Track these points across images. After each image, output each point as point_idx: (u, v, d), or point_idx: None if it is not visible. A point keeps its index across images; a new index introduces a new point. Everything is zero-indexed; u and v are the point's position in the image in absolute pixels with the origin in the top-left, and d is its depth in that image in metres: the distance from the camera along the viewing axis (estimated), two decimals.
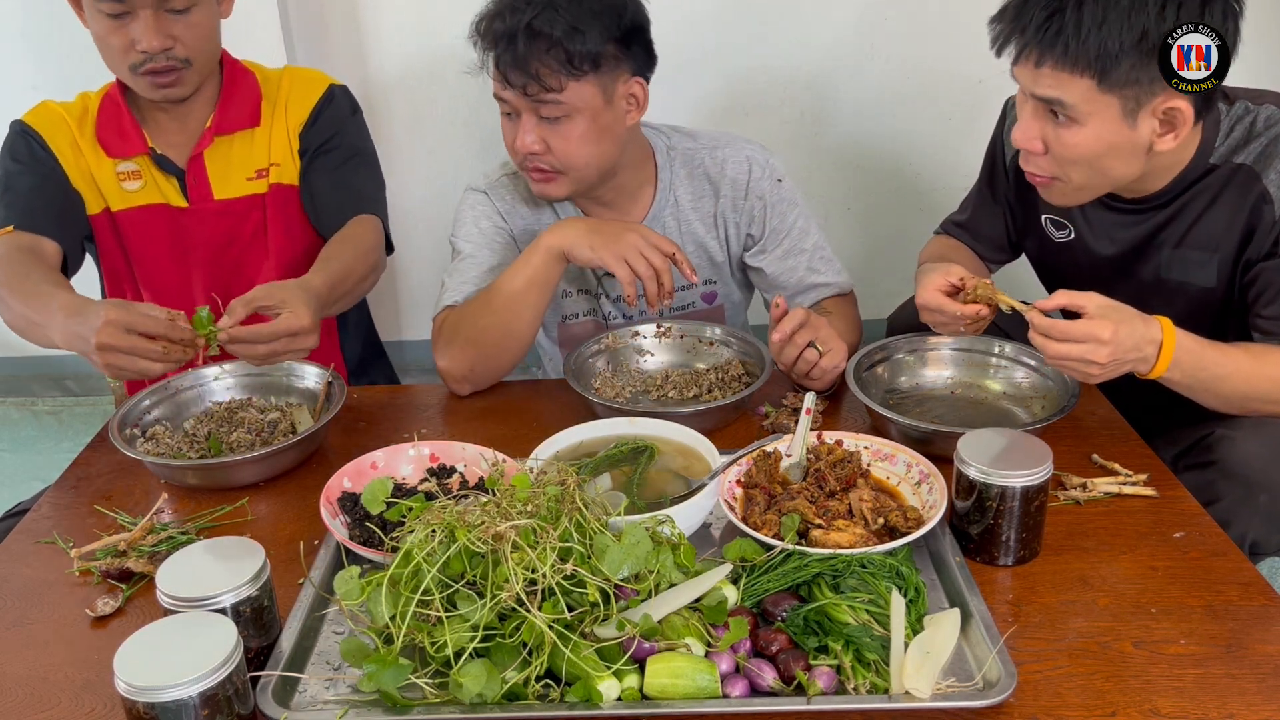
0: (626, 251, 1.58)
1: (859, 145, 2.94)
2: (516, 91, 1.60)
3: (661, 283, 1.60)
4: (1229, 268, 1.52)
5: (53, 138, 1.78)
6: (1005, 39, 1.40)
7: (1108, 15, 1.30)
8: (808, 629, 1.08)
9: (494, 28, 1.58)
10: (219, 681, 0.94)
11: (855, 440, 1.37)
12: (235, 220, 1.85)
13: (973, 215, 1.86)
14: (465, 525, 1.04)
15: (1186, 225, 1.52)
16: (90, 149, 1.80)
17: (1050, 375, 1.56)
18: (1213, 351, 1.37)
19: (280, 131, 1.86)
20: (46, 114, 1.81)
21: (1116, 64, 1.32)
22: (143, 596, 1.22)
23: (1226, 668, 1.06)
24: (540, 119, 1.63)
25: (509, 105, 1.65)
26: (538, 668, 1.01)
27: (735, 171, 1.80)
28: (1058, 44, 1.33)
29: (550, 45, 1.56)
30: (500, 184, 1.82)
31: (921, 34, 2.77)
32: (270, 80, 1.88)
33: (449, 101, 2.85)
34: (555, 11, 1.55)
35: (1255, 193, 1.45)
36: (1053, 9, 1.33)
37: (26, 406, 3.17)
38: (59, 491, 1.47)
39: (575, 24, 1.56)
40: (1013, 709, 1.01)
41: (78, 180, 1.80)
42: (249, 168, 1.84)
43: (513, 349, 1.67)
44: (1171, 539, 1.26)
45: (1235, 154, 1.47)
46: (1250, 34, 1.38)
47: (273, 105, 1.86)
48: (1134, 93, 1.34)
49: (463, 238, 1.80)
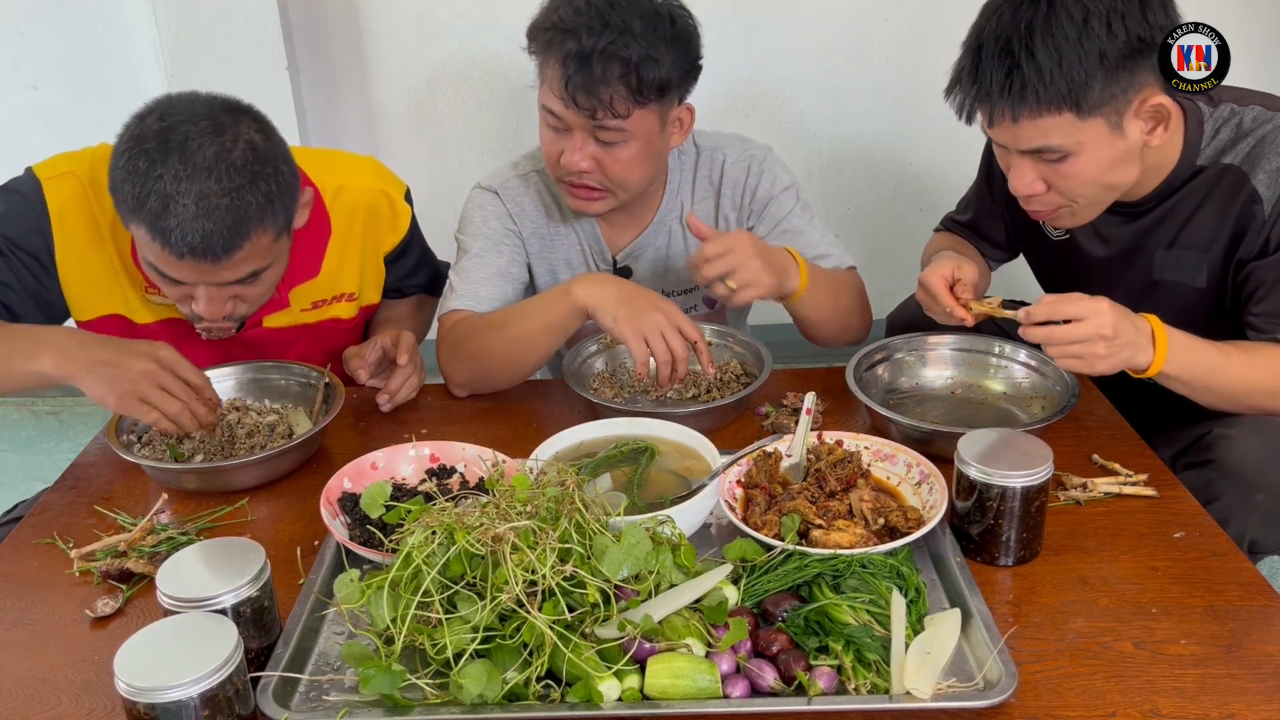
0: (648, 331, 1.50)
1: (859, 145, 2.94)
2: (580, 113, 1.57)
3: (676, 368, 1.52)
4: (1219, 268, 1.52)
5: (64, 223, 1.54)
6: (970, 107, 1.41)
7: (1062, 51, 1.31)
8: (808, 629, 1.08)
9: (566, 47, 1.52)
10: (219, 682, 0.94)
11: (855, 440, 1.37)
12: (281, 347, 1.72)
13: (974, 215, 1.86)
14: (464, 527, 1.04)
15: (1177, 227, 1.53)
16: (118, 248, 1.57)
17: (1050, 375, 1.56)
18: (1206, 346, 1.38)
19: (353, 261, 1.73)
20: (68, 189, 1.54)
21: (1088, 90, 1.33)
22: (143, 597, 1.22)
23: (1227, 668, 1.06)
24: (595, 140, 1.60)
25: (560, 121, 1.60)
26: (538, 668, 1.01)
27: (735, 173, 1.80)
28: (1027, 95, 1.34)
29: (625, 72, 1.53)
30: (511, 184, 1.80)
31: (922, 34, 2.77)
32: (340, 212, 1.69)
33: (449, 103, 2.85)
34: (631, 37, 1.52)
35: (1244, 193, 1.46)
36: (1008, 67, 1.34)
37: (26, 406, 3.16)
38: (59, 492, 1.47)
39: (650, 52, 1.53)
40: (1013, 709, 1.01)
41: (77, 278, 1.57)
42: (305, 302, 1.71)
43: (514, 376, 1.67)
44: (1172, 539, 1.26)
45: (1223, 155, 1.48)
46: (1250, 35, 1.38)
47: (345, 238, 1.70)
48: (1113, 107, 1.35)
49: (471, 236, 1.77)
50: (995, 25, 1.36)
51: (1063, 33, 1.31)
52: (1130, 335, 1.33)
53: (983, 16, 1.39)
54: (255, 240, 1.41)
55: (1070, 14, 1.31)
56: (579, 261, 1.83)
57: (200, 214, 1.34)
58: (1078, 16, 1.31)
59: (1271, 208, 1.43)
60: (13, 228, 1.53)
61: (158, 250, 1.38)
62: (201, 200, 1.34)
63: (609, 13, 1.52)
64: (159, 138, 1.36)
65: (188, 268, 1.39)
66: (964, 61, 1.40)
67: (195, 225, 1.34)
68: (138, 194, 1.35)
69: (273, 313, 1.68)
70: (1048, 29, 1.31)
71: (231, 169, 1.37)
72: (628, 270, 1.84)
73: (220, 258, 1.38)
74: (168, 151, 1.35)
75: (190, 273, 1.41)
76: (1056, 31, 1.31)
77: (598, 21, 1.52)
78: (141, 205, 1.35)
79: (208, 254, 1.37)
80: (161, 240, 1.36)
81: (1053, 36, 1.31)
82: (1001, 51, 1.34)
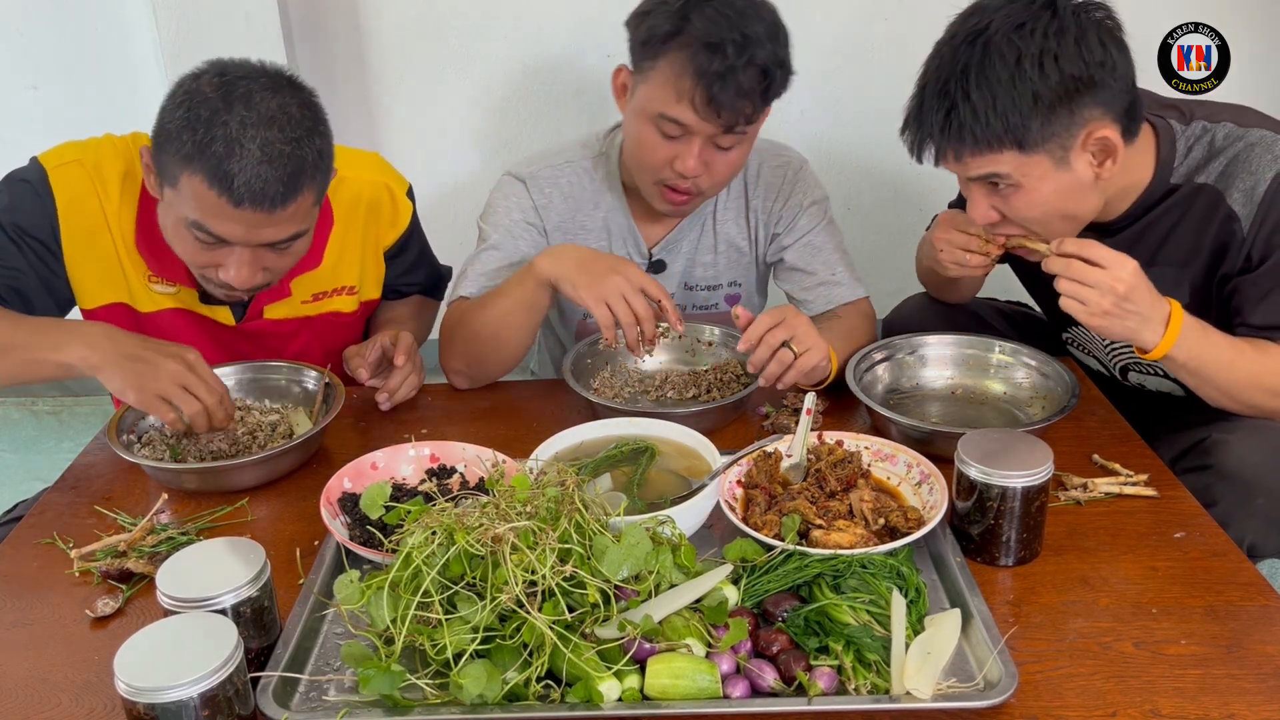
0: (608, 294, 1.50)
1: (859, 146, 2.94)
2: (716, 124, 1.55)
3: (642, 329, 1.51)
4: (1200, 285, 1.52)
5: (69, 210, 1.54)
6: (919, 145, 1.44)
7: (996, 94, 1.33)
8: (808, 629, 1.08)
9: (708, 64, 1.50)
10: (219, 682, 0.94)
11: (856, 440, 1.37)
12: (282, 340, 1.73)
13: None
14: (464, 527, 1.04)
15: (1155, 245, 1.52)
16: (122, 236, 1.57)
17: (1050, 375, 1.56)
18: (1219, 336, 1.38)
19: (353, 254, 1.73)
20: (74, 176, 1.54)
21: (1027, 129, 1.34)
22: (143, 597, 1.22)
23: (1227, 668, 1.06)
24: (714, 145, 1.60)
25: (683, 129, 1.57)
26: (538, 668, 1.01)
27: (771, 178, 1.81)
28: (965, 136, 1.36)
29: (761, 81, 1.54)
30: (541, 175, 1.78)
31: (922, 34, 2.76)
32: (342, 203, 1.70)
33: (449, 104, 2.85)
34: (761, 45, 1.52)
35: (1221, 212, 1.46)
36: (946, 108, 1.37)
37: (26, 406, 3.16)
38: (59, 492, 1.46)
39: (779, 55, 1.55)
40: (1013, 709, 1.01)
41: (83, 266, 1.57)
42: (306, 294, 1.71)
43: (504, 359, 1.67)
44: (1172, 539, 1.26)
45: (1196, 174, 1.48)
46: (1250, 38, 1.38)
47: (345, 229, 1.71)
48: (1056, 143, 1.36)
49: (492, 225, 1.77)
50: (936, 67, 1.39)
51: (995, 75, 1.33)
52: (1145, 307, 1.33)
53: (930, 58, 1.42)
54: (304, 196, 1.43)
55: (1004, 56, 1.32)
56: (606, 252, 1.81)
57: (264, 160, 1.36)
58: (1010, 58, 1.32)
59: (1249, 226, 1.44)
60: (22, 217, 1.54)
61: (213, 199, 1.37)
62: (266, 147, 1.36)
63: (743, 23, 1.52)
64: (220, 90, 1.37)
65: (240, 219, 1.39)
66: (911, 103, 1.44)
67: (259, 170, 1.36)
68: (201, 139, 1.35)
69: (274, 301, 1.68)
70: (981, 72, 1.33)
71: (291, 121, 1.39)
72: (662, 264, 1.84)
73: (275, 208, 1.39)
74: (231, 101, 1.36)
75: (240, 225, 1.40)
76: (989, 73, 1.33)
77: (738, 34, 1.51)
78: (204, 150, 1.35)
79: (265, 201, 1.37)
80: (221, 186, 1.36)
81: (986, 79, 1.33)
82: (940, 93, 1.37)
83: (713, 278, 1.86)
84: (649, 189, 1.69)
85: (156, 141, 1.42)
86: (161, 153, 1.41)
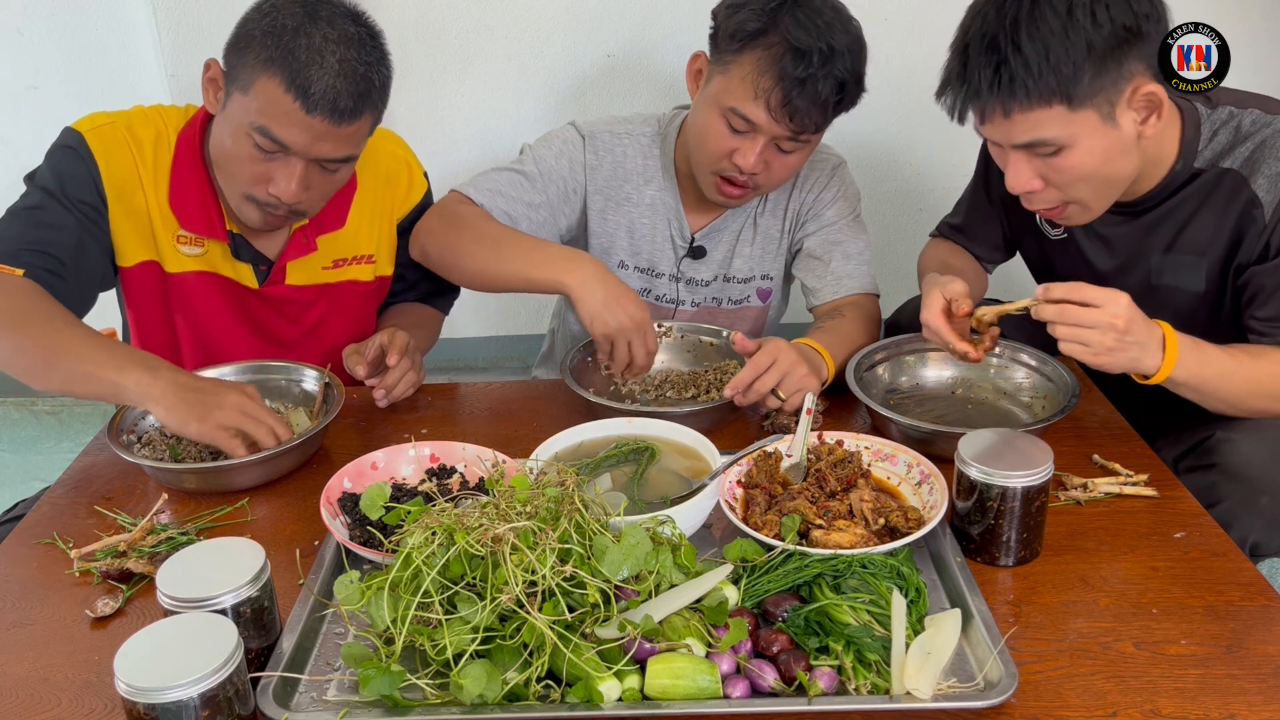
0: (615, 336, 1.53)
1: (859, 145, 2.93)
2: (786, 127, 1.58)
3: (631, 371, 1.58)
4: (1218, 272, 1.52)
5: (109, 168, 1.59)
6: (962, 106, 1.41)
7: (1049, 44, 1.31)
8: (808, 629, 1.08)
9: (792, 68, 1.52)
10: (219, 682, 0.94)
11: (856, 440, 1.37)
12: (301, 308, 1.77)
13: (967, 218, 1.86)
14: (464, 528, 1.04)
15: (1175, 230, 1.52)
16: (154, 195, 1.63)
17: (1050, 375, 1.56)
18: (1215, 351, 1.37)
19: (372, 221, 1.78)
20: (109, 135, 1.60)
21: (1078, 82, 1.32)
22: (143, 597, 1.22)
23: (1227, 668, 1.06)
24: (777, 147, 1.63)
25: (751, 126, 1.59)
26: (538, 669, 1.01)
27: (813, 173, 1.83)
28: (1016, 90, 1.34)
29: (836, 94, 1.57)
30: (601, 136, 1.80)
31: (922, 34, 2.77)
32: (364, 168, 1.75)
33: (449, 104, 2.84)
34: (842, 60, 1.55)
35: (1243, 198, 1.46)
36: (995, 62, 1.34)
37: (26, 406, 3.16)
38: (59, 492, 1.46)
39: (857, 71, 1.59)
40: (1014, 709, 1.01)
41: (120, 224, 1.62)
42: (327, 259, 1.76)
43: (474, 283, 1.71)
44: (1172, 539, 1.26)
45: (1221, 159, 1.47)
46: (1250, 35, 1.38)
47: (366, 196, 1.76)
48: (1104, 97, 1.35)
49: (535, 157, 1.79)
50: (980, 24, 1.36)
51: (1048, 25, 1.31)
52: (1142, 335, 1.32)
53: (968, 17, 1.40)
54: (366, 118, 1.53)
55: (1054, 7, 1.31)
56: (647, 230, 1.83)
57: (341, 74, 1.46)
58: (1061, 9, 1.31)
59: (1271, 213, 1.43)
60: (70, 182, 1.58)
61: (287, 104, 1.46)
62: (344, 63, 1.47)
63: (830, 34, 1.54)
64: (305, 9, 1.48)
65: (307, 126, 1.47)
66: (952, 63, 1.41)
67: (335, 82, 1.46)
68: (286, 45, 1.45)
69: (298, 257, 1.72)
70: (1033, 23, 1.31)
71: (365, 47, 1.51)
72: (702, 250, 1.85)
73: (342, 122, 1.49)
74: (315, 20, 1.47)
75: (305, 134, 1.48)
76: (1041, 25, 1.31)
77: (825, 43, 1.53)
78: (289, 55, 1.45)
79: (335, 113, 1.47)
80: (298, 91, 1.45)
81: (1038, 30, 1.31)
82: (988, 49, 1.34)
83: (748, 270, 1.88)
84: (705, 178, 1.71)
85: (235, 46, 1.51)
86: (239, 57, 1.49)
